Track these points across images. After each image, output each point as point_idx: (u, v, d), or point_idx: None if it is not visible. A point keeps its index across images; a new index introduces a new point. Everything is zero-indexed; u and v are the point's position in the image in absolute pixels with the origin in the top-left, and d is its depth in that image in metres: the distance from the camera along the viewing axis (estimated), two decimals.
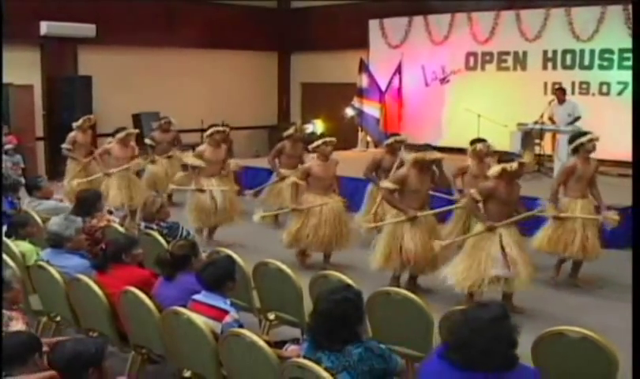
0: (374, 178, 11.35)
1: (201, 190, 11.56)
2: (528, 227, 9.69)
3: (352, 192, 12.25)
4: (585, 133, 10.09)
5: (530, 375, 4.13)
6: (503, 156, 8.75)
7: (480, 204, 8.64)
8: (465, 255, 8.54)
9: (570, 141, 10.06)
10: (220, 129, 12.03)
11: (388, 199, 9.33)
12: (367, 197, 11.54)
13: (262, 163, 13.62)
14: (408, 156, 9.38)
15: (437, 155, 9.21)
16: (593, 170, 9.79)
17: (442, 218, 10.59)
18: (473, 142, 10.86)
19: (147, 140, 14.88)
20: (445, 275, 8.59)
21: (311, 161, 10.67)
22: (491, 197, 8.49)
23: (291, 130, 12.81)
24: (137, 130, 14.07)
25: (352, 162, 14.15)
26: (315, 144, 10.69)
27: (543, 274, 9.84)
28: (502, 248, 8.35)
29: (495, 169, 8.52)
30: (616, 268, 10.53)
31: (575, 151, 9.76)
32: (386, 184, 9.33)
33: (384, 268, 9.19)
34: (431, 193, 9.74)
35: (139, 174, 13.76)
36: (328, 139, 10.73)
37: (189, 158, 11.86)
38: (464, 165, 10.75)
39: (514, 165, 8.37)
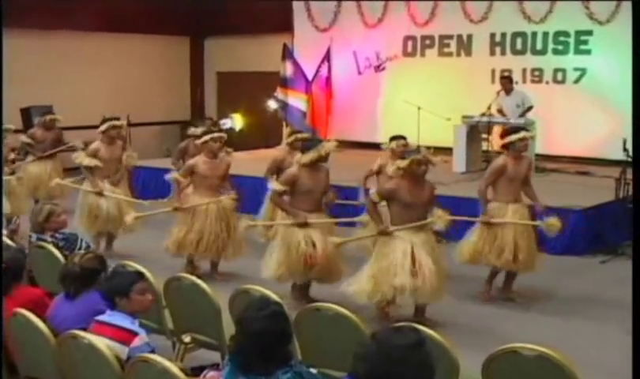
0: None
1: (100, 193, 11.60)
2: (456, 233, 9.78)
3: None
4: (517, 129, 10.12)
5: None
6: (408, 154, 8.77)
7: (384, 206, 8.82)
8: (370, 264, 8.68)
9: (502, 136, 10.09)
10: (117, 123, 11.95)
11: (275, 201, 9.60)
12: (266, 201, 11.50)
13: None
14: (299, 158, 9.47)
15: (330, 147, 9.44)
16: (526, 169, 9.81)
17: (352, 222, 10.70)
18: (391, 139, 10.95)
19: (24, 138, 14.74)
20: (349, 286, 8.73)
21: (197, 158, 10.71)
22: (392, 199, 8.62)
23: (198, 130, 12.55)
24: (11, 126, 13.86)
25: None
26: (202, 139, 10.77)
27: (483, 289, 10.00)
28: (412, 255, 8.48)
29: (391, 168, 8.69)
30: (551, 278, 10.60)
31: (505, 148, 9.80)
32: (274, 185, 9.52)
33: (279, 278, 9.32)
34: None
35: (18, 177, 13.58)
36: (217, 134, 10.81)
37: (82, 158, 11.71)
38: (378, 164, 10.84)
39: (404, 163, 8.47)
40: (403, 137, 10.94)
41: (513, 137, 9.67)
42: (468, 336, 8.14)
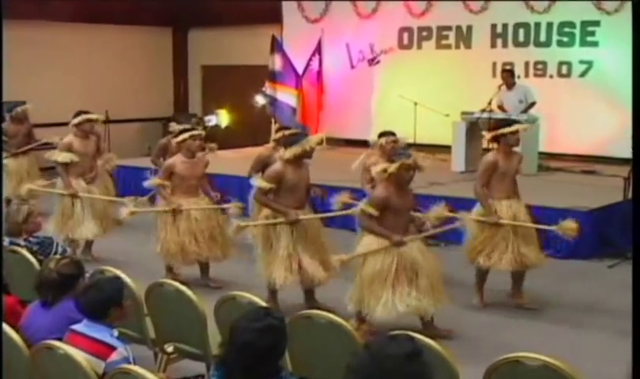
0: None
1: (75, 195, 11.59)
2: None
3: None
4: (510, 122, 10.12)
5: None
6: (398, 155, 8.72)
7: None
8: (358, 276, 8.66)
9: (493, 129, 10.08)
10: (92, 117, 11.93)
11: (262, 200, 9.57)
12: (252, 200, 11.50)
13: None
14: (283, 154, 9.48)
15: (314, 142, 9.47)
16: (517, 165, 9.78)
17: (352, 227, 10.74)
18: (380, 136, 10.92)
19: None
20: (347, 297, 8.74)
21: (175, 158, 10.73)
22: (385, 208, 8.57)
23: (180, 127, 12.47)
24: None
25: None
26: (180, 137, 10.78)
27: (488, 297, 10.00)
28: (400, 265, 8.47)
29: (376, 170, 8.68)
30: (555, 283, 10.61)
31: (496, 142, 9.79)
32: (259, 183, 9.51)
33: (276, 282, 9.35)
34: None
35: None
36: (195, 132, 10.83)
37: (56, 154, 11.68)
38: (370, 163, 10.78)
39: (393, 167, 8.42)
40: (392, 133, 10.90)
41: (505, 130, 9.66)
42: (467, 345, 8.16)
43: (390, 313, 8.37)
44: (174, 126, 12.51)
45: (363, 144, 14.64)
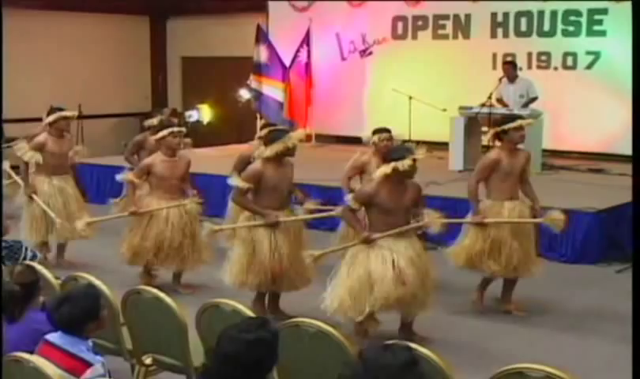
0: None
1: (30, 197, 11.60)
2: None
3: None
4: (512, 118, 10.08)
5: None
6: (392, 153, 8.72)
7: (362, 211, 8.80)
8: (344, 275, 8.65)
9: (495, 125, 10.01)
10: (67, 114, 11.88)
11: (239, 201, 9.57)
12: (230, 202, 11.49)
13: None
14: (262, 151, 9.44)
15: (297, 138, 9.44)
16: (523, 163, 9.70)
17: (332, 226, 10.76)
18: (374, 133, 10.89)
19: None
20: (324, 298, 8.69)
21: (154, 156, 10.71)
22: (371, 205, 8.58)
23: (154, 120, 12.48)
24: None
25: None
26: (160, 134, 10.72)
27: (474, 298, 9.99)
28: (393, 263, 8.46)
29: (383, 169, 8.56)
30: (560, 289, 10.62)
31: (498, 139, 9.71)
32: (237, 183, 9.44)
33: (242, 285, 9.37)
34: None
35: None
36: (176, 129, 10.77)
37: (26, 152, 11.61)
38: (361, 161, 10.77)
39: (406, 163, 8.36)
40: (387, 130, 10.85)
41: (508, 126, 9.57)
42: (466, 355, 8.16)
43: (374, 307, 8.41)
44: (150, 121, 12.48)
45: (355, 140, 14.68)
